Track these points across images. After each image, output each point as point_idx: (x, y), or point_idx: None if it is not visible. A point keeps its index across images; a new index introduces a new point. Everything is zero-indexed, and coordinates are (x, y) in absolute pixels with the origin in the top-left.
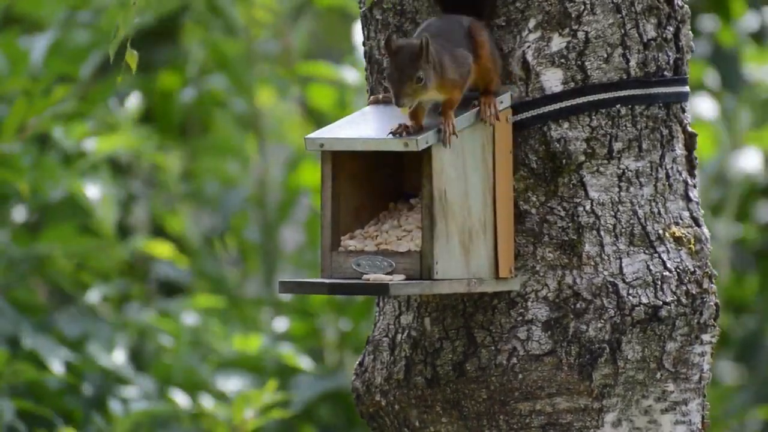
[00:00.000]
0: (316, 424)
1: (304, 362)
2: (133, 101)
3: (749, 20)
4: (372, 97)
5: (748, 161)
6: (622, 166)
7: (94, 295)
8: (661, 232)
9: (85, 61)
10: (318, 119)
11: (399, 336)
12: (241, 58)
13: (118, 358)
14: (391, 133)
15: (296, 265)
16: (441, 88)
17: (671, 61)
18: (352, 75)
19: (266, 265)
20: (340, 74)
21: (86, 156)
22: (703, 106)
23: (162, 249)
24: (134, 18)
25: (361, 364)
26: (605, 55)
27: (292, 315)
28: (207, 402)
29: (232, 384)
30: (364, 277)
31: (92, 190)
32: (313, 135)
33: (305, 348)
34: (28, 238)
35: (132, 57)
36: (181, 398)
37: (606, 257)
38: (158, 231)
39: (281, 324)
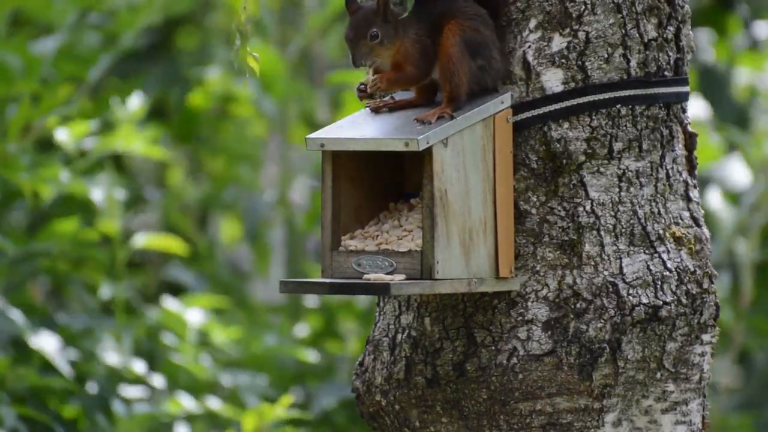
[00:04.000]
0: (334, 427)
1: (313, 356)
2: (135, 101)
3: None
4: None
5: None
6: (622, 167)
7: (101, 291)
8: (661, 232)
9: (95, 64)
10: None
11: (399, 336)
12: (272, 62)
13: (126, 354)
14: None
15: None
16: (398, 51)
17: (672, 62)
18: None
19: (291, 270)
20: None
21: (87, 154)
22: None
23: (173, 245)
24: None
25: (361, 364)
26: (606, 55)
27: (313, 322)
28: (216, 405)
29: (245, 388)
30: (365, 276)
31: (95, 189)
32: (313, 135)
33: (325, 354)
34: (28, 238)
35: (254, 60)
36: (188, 401)
37: (606, 257)
38: (172, 231)
39: (302, 330)
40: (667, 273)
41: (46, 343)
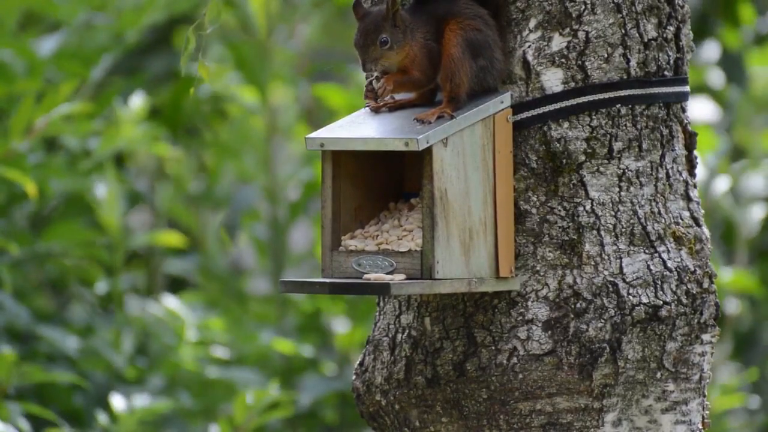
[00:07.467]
0: (321, 423)
1: (306, 351)
2: (137, 100)
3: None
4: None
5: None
6: (622, 166)
7: (100, 288)
8: (661, 231)
9: (98, 63)
10: (328, 117)
11: (399, 336)
12: (255, 53)
13: (125, 353)
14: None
15: (305, 262)
16: (407, 56)
17: (671, 61)
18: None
19: (275, 262)
20: (352, 72)
21: (91, 154)
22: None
23: (171, 239)
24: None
25: (361, 363)
26: (606, 55)
27: (299, 314)
28: (211, 399)
29: (237, 381)
30: (365, 276)
31: (98, 188)
32: (313, 134)
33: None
34: (32, 237)
35: (204, 68)
36: (186, 397)
37: (606, 257)
38: (169, 225)
39: (289, 323)
40: (667, 273)
41: (52, 333)
